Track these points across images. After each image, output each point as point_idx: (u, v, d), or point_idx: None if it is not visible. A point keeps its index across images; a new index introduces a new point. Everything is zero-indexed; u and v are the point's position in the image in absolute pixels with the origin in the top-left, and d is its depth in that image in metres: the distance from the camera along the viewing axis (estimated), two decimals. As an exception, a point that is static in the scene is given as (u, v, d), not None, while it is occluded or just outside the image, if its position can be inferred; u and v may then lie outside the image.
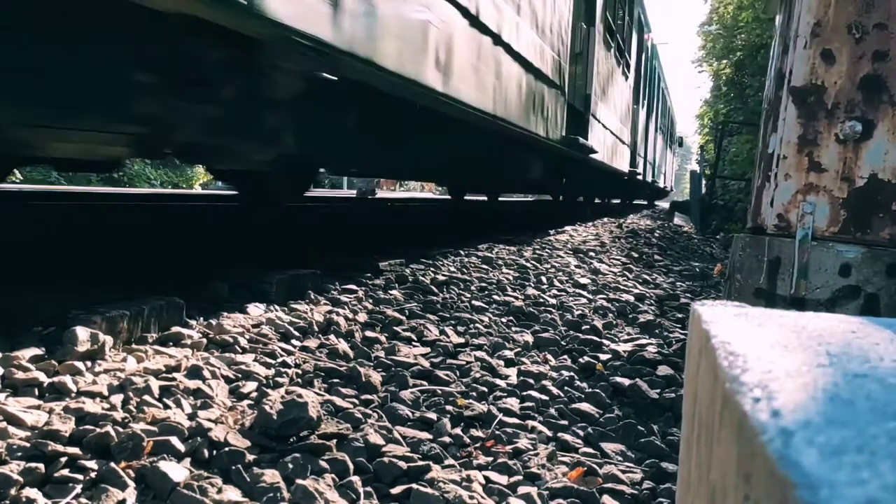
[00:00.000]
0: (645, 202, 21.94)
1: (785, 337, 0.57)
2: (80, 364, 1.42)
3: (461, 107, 3.52)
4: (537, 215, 8.71)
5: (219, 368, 1.54)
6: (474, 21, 3.55)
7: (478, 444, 1.40)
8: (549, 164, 7.01)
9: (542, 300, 2.84)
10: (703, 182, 11.01)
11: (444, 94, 3.20)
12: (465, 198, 10.00)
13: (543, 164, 6.81)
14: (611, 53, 8.64)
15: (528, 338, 2.25)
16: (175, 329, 1.77)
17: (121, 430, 1.16)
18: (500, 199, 10.31)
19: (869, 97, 1.70)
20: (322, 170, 4.19)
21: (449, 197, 10.60)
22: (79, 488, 1.02)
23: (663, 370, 1.96)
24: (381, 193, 12.78)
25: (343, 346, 1.88)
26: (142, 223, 3.91)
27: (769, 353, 0.51)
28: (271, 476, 1.12)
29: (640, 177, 13.96)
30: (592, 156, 7.33)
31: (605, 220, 9.47)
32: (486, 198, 9.97)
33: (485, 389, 1.70)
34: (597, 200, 12.78)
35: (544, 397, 1.69)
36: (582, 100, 6.98)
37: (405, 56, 2.70)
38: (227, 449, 1.19)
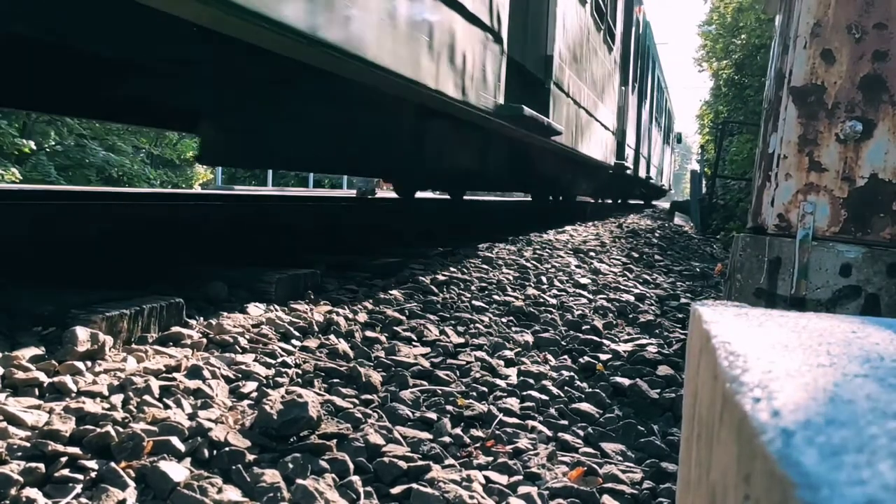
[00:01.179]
0: (641, 202, 20.53)
1: (785, 337, 0.57)
2: (80, 364, 1.42)
3: (261, 27, 1.79)
4: (536, 215, 8.61)
5: (219, 368, 1.54)
6: None
7: (478, 444, 1.40)
8: (492, 148, 5.30)
9: (542, 300, 2.84)
10: (704, 182, 11.01)
11: None
12: (416, 196, 8.14)
13: (481, 149, 5.12)
14: (586, 10, 6.59)
15: (529, 338, 2.25)
16: (175, 329, 1.77)
17: (121, 429, 1.16)
18: (495, 200, 9.66)
19: (869, 97, 1.70)
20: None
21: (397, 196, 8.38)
22: (79, 488, 1.02)
23: (663, 370, 1.96)
24: (380, 193, 12.66)
25: (343, 346, 1.88)
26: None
27: (769, 354, 0.51)
28: (271, 476, 1.12)
29: (629, 172, 11.69)
30: (557, 139, 5.39)
31: (606, 220, 9.47)
32: (448, 196, 8.18)
33: (485, 389, 1.70)
34: (585, 200, 11.43)
35: (544, 397, 1.69)
36: (539, 62, 5.11)
37: None
38: (227, 449, 1.19)
